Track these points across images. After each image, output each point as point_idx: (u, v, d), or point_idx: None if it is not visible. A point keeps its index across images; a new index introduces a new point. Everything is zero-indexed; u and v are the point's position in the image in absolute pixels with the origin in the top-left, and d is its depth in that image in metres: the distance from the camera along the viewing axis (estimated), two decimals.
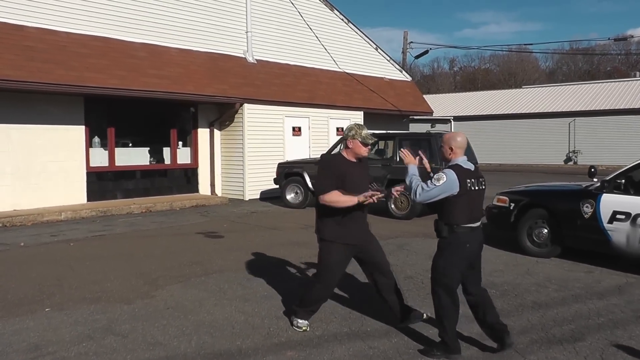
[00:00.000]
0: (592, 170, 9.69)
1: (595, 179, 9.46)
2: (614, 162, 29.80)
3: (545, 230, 9.75)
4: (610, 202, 8.89)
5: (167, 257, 9.74)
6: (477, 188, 5.26)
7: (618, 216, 8.73)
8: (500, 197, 10.61)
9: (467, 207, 5.21)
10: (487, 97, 46.33)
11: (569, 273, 8.75)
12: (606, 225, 8.86)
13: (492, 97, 45.93)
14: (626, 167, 9.17)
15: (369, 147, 5.81)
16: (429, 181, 5.19)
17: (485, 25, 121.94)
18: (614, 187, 9.02)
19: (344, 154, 5.88)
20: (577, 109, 38.26)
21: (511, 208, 10.20)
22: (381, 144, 16.49)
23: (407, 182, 5.37)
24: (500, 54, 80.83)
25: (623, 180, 9.06)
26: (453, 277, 5.33)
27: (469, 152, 14.43)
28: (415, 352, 5.53)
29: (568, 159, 38.20)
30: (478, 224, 5.32)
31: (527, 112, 40.24)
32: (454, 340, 5.36)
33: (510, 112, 40.97)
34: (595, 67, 76.34)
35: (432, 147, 13.63)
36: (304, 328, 6.10)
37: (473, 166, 5.32)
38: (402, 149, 5.73)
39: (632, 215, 8.54)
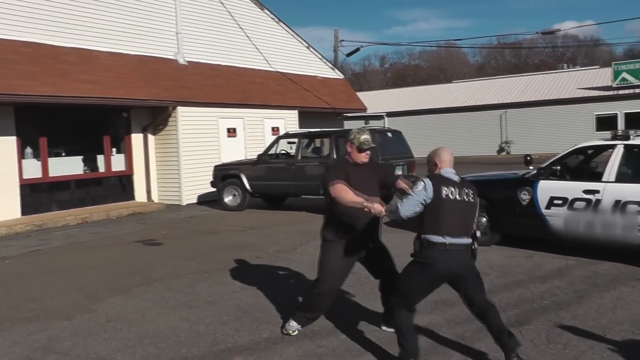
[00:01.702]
0: (528, 158, 9.94)
1: (531, 167, 9.69)
2: (546, 151, 30.58)
3: (484, 219, 9.91)
4: (547, 188, 9.15)
5: (106, 268, 9.50)
6: (457, 198, 4.87)
7: (555, 201, 8.99)
8: None
9: (442, 217, 4.82)
10: (419, 93, 46.96)
11: (510, 259, 8.96)
12: (544, 211, 9.10)
13: (424, 92, 46.59)
14: (561, 154, 9.45)
15: (367, 153, 5.52)
16: (406, 196, 5.00)
17: (414, 23, 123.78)
18: (550, 173, 9.31)
19: (348, 157, 5.67)
20: (508, 101, 39.26)
21: None
22: (317, 142, 16.53)
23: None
24: (430, 50, 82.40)
25: (559, 167, 9.36)
26: (411, 293, 5.09)
27: (404, 147, 14.70)
28: (363, 348, 5.54)
29: (501, 150, 39.06)
30: (458, 240, 4.85)
31: (459, 105, 41.02)
32: (415, 351, 5.03)
33: (442, 107, 41.73)
34: (523, 60, 78.62)
35: None
36: (291, 332, 5.93)
37: (457, 178, 5.01)
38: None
39: (569, 200, 8.79)
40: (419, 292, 5.11)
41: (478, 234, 5.10)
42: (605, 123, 34.35)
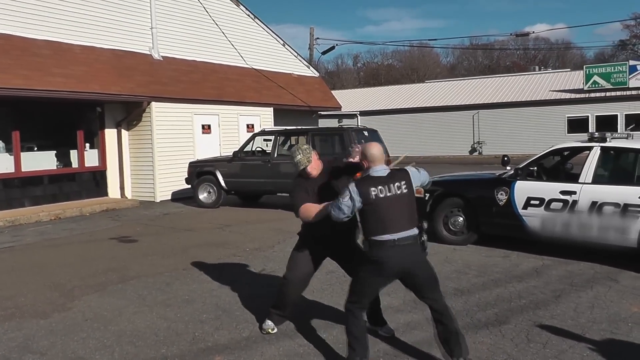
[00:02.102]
0: (506, 159, 10.02)
1: (508, 167, 9.75)
2: (517, 152, 30.85)
3: (461, 219, 9.98)
4: (524, 188, 9.21)
5: (81, 265, 9.35)
6: (388, 194, 4.82)
7: (532, 202, 9.06)
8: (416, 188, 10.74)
9: (380, 216, 4.82)
10: (393, 92, 47.01)
11: (487, 259, 9.00)
12: (521, 211, 9.17)
13: (398, 92, 46.67)
14: (538, 155, 9.53)
15: (306, 168, 5.55)
16: (337, 200, 4.98)
17: (387, 22, 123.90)
18: (527, 174, 9.39)
19: None
20: (481, 102, 39.42)
21: (426, 198, 10.34)
22: (294, 140, 16.46)
23: None
24: (403, 49, 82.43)
25: (535, 168, 9.41)
26: (364, 292, 5.07)
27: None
28: (344, 346, 5.52)
29: (473, 150, 39.27)
30: (404, 234, 4.82)
31: (433, 105, 41.14)
32: (365, 349, 5.03)
33: (416, 106, 41.79)
34: (495, 62, 79.28)
35: (345, 141, 13.68)
36: (268, 330, 5.94)
37: (386, 172, 4.95)
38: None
39: (546, 200, 8.86)
40: (373, 291, 5.13)
41: (425, 225, 5.14)
42: (577, 125, 34.75)
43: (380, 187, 4.82)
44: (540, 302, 6.76)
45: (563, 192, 8.76)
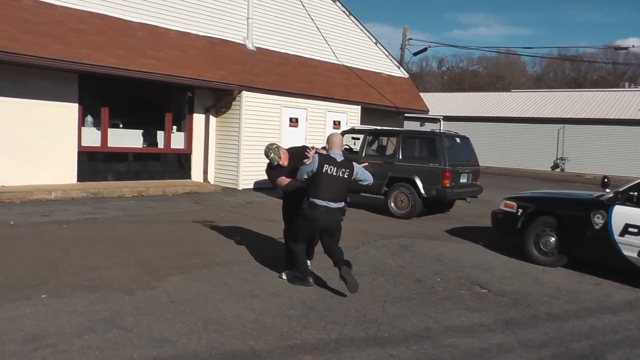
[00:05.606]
0: (606, 180, 9.42)
1: (607, 190, 9.19)
2: (600, 172, 29.65)
3: (553, 239, 9.50)
4: (622, 214, 8.61)
5: (164, 245, 9.36)
6: (334, 173, 6.82)
7: (630, 229, 8.45)
8: (508, 202, 10.34)
9: (322, 185, 6.78)
10: (477, 99, 46.11)
11: (578, 284, 8.51)
12: (617, 238, 8.59)
13: (482, 99, 45.74)
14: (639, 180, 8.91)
15: (279, 163, 7.57)
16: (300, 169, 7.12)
17: (475, 27, 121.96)
18: (626, 199, 8.71)
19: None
20: (567, 116, 38.14)
21: (519, 214, 9.95)
22: (383, 141, 16.16)
23: None
24: (489, 56, 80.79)
25: (636, 193, 8.73)
26: (299, 237, 7.24)
27: (470, 154, 14.26)
28: None
29: (555, 166, 38.09)
30: (333, 205, 6.88)
31: (517, 116, 40.10)
32: (305, 272, 7.38)
33: (499, 115, 40.83)
34: (582, 75, 76.65)
35: (436, 147, 13.30)
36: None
37: (341, 158, 6.98)
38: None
39: None
40: (305, 236, 7.29)
41: (348, 199, 7.24)
42: None
43: (331, 166, 6.83)
44: (636, 340, 6.27)
45: None
